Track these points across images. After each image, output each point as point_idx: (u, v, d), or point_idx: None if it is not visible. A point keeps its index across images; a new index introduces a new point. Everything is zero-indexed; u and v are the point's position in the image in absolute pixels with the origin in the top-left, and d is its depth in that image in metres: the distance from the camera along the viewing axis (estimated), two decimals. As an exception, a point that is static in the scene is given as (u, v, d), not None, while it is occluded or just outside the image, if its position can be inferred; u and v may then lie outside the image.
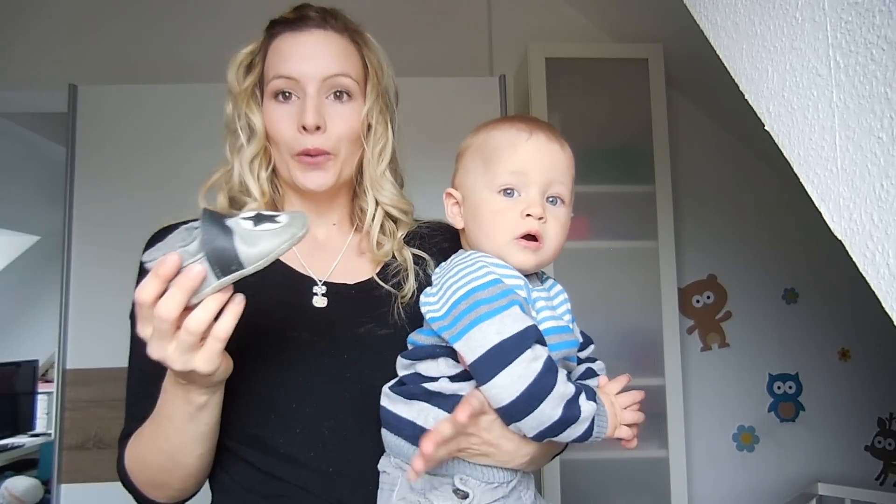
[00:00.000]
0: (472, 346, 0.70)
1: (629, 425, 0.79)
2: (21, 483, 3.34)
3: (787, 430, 2.53)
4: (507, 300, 0.71)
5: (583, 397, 0.72)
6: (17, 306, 4.53)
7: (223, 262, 0.62)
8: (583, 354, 0.87)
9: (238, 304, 0.65)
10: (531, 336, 0.70)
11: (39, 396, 4.20)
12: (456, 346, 0.72)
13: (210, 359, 0.65)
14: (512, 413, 0.70)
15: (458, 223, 0.85)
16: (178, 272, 0.61)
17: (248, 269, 0.63)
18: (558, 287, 0.86)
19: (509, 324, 0.70)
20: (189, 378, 0.68)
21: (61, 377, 2.04)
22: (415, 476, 0.71)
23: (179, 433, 0.76)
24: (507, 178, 0.79)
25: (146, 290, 0.62)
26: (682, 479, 2.17)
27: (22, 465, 3.68)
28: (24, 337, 4.52)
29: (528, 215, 0.77)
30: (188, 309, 0.63)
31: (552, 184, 0.79)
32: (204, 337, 0.64)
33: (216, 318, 0.64)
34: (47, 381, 4.16)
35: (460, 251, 0.85)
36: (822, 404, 2.54)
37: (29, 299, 4.51)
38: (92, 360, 2.02)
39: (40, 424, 4.16)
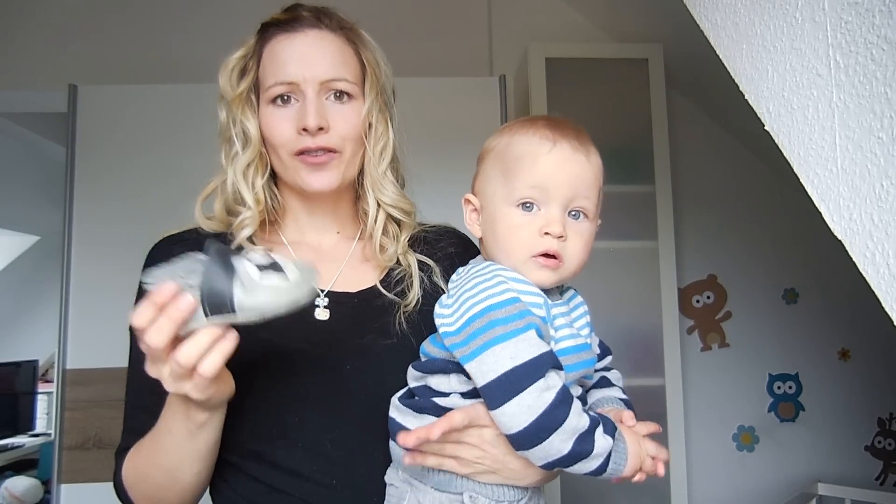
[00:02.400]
0: (484, 370, 0.67)
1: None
2: (21, 483, 3.34)
3: (787, 430, 2.53)
4: (523, 322, 0.67)
5: (599, 431, 0.68)
6: (17, 306, 4.53)
7: (216, 303, 0.61)
8: (599, 365, 0.84)
9: (229, 340, 0.64)
10: (546, 364, 0.67)
11: (39, 396, 4.19)
12: (467, 367, 0.69)
13: (199, 389, 0.65)
14: (520, 442, 0.67)
15: (476, 231, 0.81)
16: None
17: (238, 317, 0.62)
18: (578, 299, 0.82)
19: (524, 349, 0.66)
20: (186, 397, 0.68)
21: (61, 377, 2.04)
22: (410, 460, 0.71)
23: (179, 449, 0.75)
24: (527, 192, 0.73)
25: (140, 316, 0.61)
26: (682, 479, 2.16)
27: (22, 465, 3.67)
28: (24, 337, 4.51)
29: (547, 233, 0.73)
30: (183, 336, 0.62)
31: (575, 198, 0.74)
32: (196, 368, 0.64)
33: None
34: (47, 381, 4.16)
35: (478, 259, 0.81)
36: (822, 404, 2.54)
37: (29, 299, 4.50)
38: (92, 360, 2.02)
39: (40, 424, 4.15)
